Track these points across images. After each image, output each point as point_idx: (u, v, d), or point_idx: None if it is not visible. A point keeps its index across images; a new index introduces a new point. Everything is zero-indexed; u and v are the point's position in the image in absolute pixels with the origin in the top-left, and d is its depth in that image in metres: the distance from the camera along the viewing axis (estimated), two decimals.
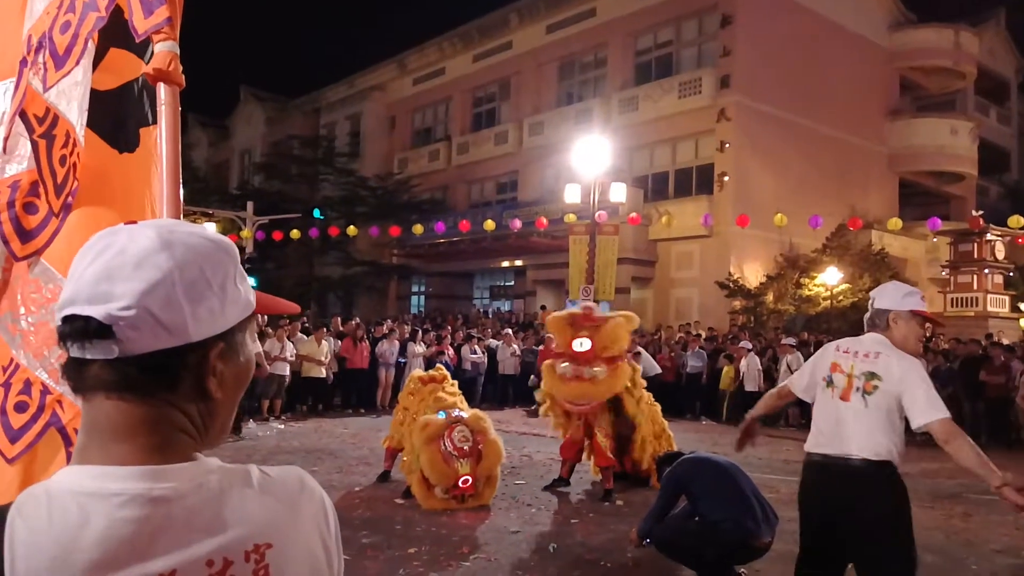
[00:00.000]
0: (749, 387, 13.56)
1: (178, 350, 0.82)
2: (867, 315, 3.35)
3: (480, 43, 28.11)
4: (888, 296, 3.29)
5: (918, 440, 13.05)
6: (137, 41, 1.66)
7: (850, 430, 3.10)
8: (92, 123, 1.67)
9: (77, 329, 0.80)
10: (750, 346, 14.54)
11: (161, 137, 1.58)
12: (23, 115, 1.74)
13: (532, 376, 14.11)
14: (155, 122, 1.63)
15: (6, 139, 1.74)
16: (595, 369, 7.00)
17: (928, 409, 3.05)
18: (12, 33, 1.86)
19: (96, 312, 0.79)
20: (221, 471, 0.84)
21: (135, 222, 0.89)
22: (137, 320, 0.79)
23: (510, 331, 16.71)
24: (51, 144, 1.69)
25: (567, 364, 7.11)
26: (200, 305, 0.83)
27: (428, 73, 30.24)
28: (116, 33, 1.69)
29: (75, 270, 0.84)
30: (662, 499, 4.80)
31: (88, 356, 0.81)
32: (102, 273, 0.81)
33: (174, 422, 0.84)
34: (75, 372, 0.83)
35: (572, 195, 17.48)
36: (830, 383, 3.21)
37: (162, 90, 1.60)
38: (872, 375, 3.12)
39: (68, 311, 0.81)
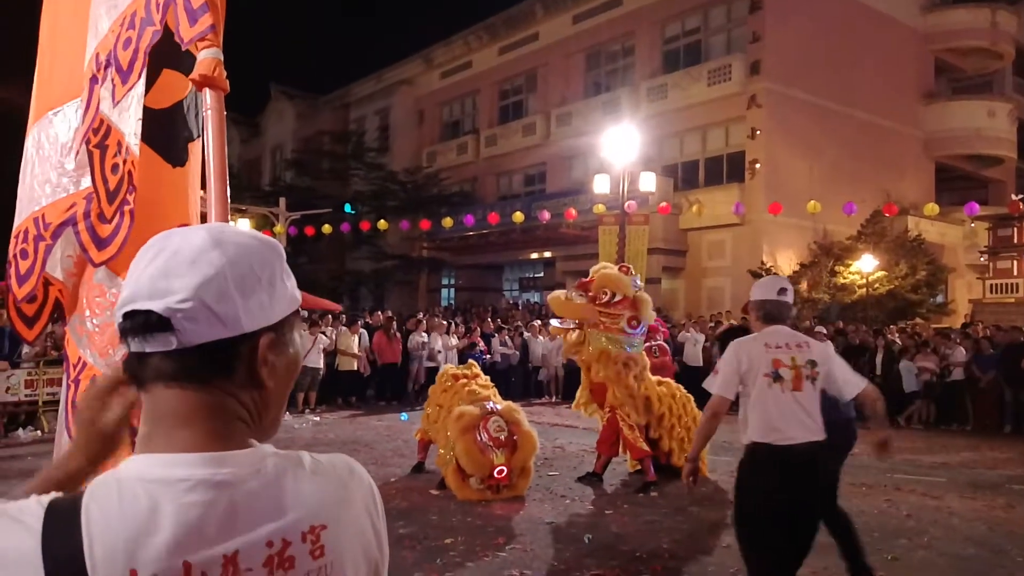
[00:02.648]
0: None
1: (232, 340, 0.87)
2: (764, 310, 3.59)
3: (506, 35, 28.06)
4: (789, 291, 3.67)
5: (953, 429, 12.82)
6: (183, 48, 1.72)
7: (809, 418, 3.42)
8: (149, 139, 1.76)
9: (138, 324, 0.85)
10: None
11: (208, 141, 1.63)
12: None
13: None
14: (200, 136, 1.70)
15: (77, 153, 1.83)
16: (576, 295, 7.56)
17: (856, 380, 3.52)
18: (79, 55, 1.95)
19: (156, 306, 0.84)
20: (276, 457, 0.89)
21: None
22: (194, 312, 0.84)
23: (538, 323, 16.72)
24: (104, 153, 1.77)
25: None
26: (251, 298, 0.88)
27: (455, 67, 30.26)
28: (169, 55, 1.77)
29: (134, 271, 0.89)
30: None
31: (148, 349, 0.86)
32: (159, 272, 0.86)
33: (231, 410, 0.89)
34: (136, 365, 0.89)
35: (601, 185, 17.42)
36: (777, 378, 3.42)
37: (208, 95, 1.65)
38: (813, 363, 3.46)
39: (129, 307, 0.86)
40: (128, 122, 1.76)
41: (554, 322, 7.99)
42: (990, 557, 5.36)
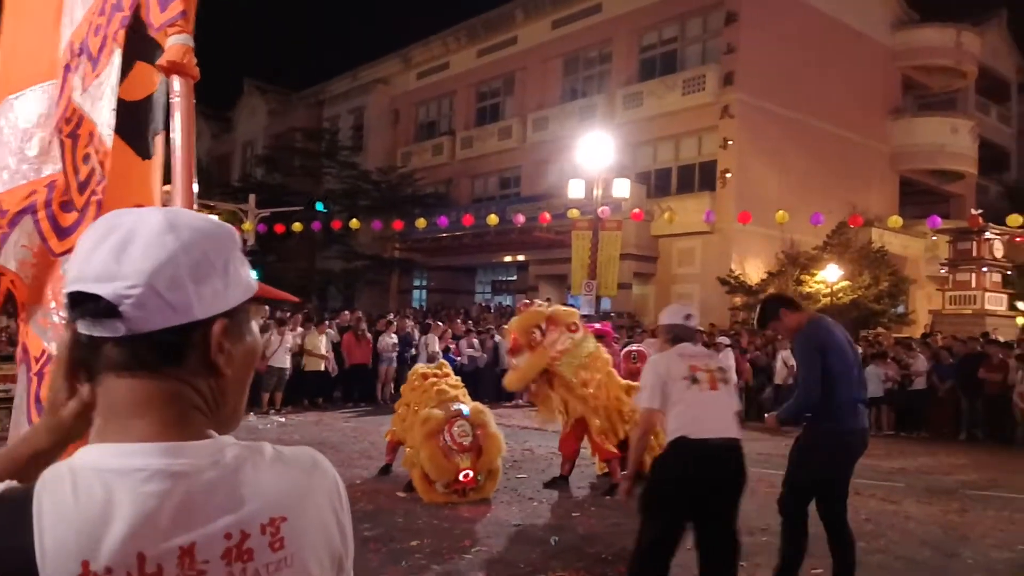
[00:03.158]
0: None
1: (184, 328, 0.85)
2: (673, 333, 4.10)
3: (485, 38, 28.08)
4: (694, 317, 4.22)
5: (912, 436, 13.05)
6: (153, 34, 1.70)
7: (725, 415, 3.82)
8: (121, 131, 1.74)
9: (88, 309, 0.83)
10: (728, 341, 14.71)
11: (175, 129, 1.61)
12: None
13: None
14: (167, 128, 1.69)
15: (49, 142, 1.80)
16: (514, 360, 7.44)
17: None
18: (47, 38, 1.92)
19: (103, 290, 0.82)
20: (236, 447, 0.87)
21: None
22: (143, 299, 0.82)
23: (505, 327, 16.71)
24: (76, 143, 1.75)
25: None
26: (204, 285, 0.85)
27: (432, 67, 30.21)
28: (142, 47, 1.75)
29: (82, 249, 0.86)
30: (809, 369, 4.21)
31: (96, 333, 0.84)
32: (110, 252, 0.83)
33: (187, 398, 0.87)
34: (88, 353, 0.86)
35: (575, 190, 17.48)
36: (695, 381, 3.82)
37: (176, 82, 1.62)
38: (722, 369, 3.97)
39: (76, 288, 0.84)
40: (101, 112, 1.74)
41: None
42: (943, 560, 5.48)
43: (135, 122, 1.83)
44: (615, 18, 23.82)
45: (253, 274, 0.96)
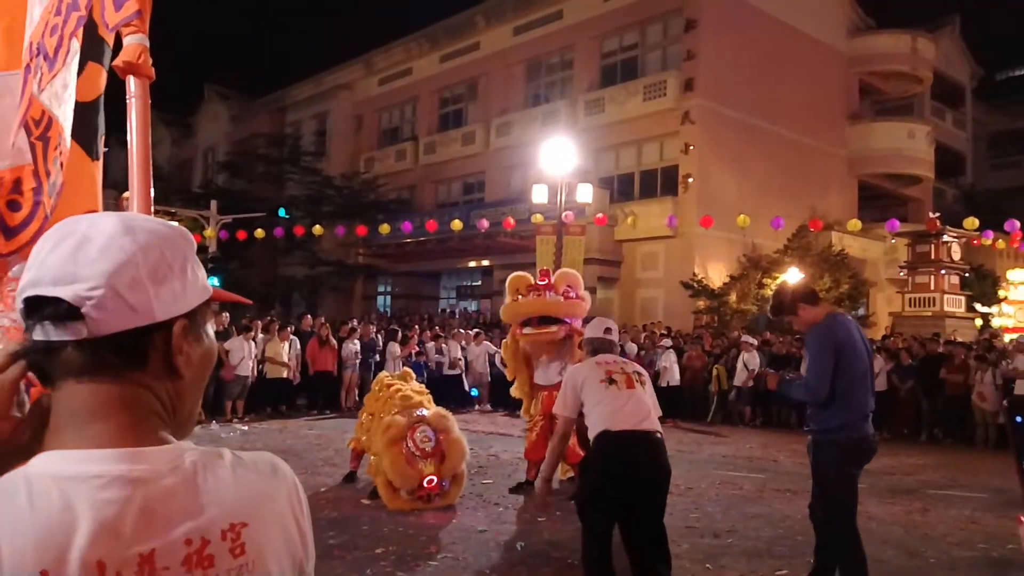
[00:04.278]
0: (671, 382, 13.99)
1: (145, 330, 0.85)
2: (593, 346, 4.42)
3: (447, 44, 28.06)
4: (614, 330, 4.54)
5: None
6: (107, 33, 1.68)
7: (646, 410, 3.99)
8: (74, 132, 1.73)
9: (45, 312, 0.82)
10: (669, 343, 14.87)
11: (131, 131, 1.58)
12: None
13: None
14: (121, 130, 1.69)
15: (13, 144, 1.77)
16: (553, 295, 7.58)
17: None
18: (20, 26, 1.89)
19: (63, 293, 0.81)
20: (195, 453, 0.86)
21: None
22: (105, 300, 0.81)
23: (473, 332, 16.70)
24: (47, 146, 1.73)
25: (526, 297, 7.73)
26: (163, 286, 0.86)
27: (395, 73, 30.10)
28: (93, 48, 1.74)
29: (37, 255, 0.85)
30: (820, 367, 4.05)
31: (54, 338, 0.82)
32: (67, 256, 0.83)
33: (145, 403, 0.86)
34: (44, 360, 0.85)
35: (539, 195, 17.52)
36: (612, 382, 4.01)
37: (132, 83, 1.59)
38: (638, 372, 4.17)
39: (32, 292, 0.83)
40: (65, 113, 1.73)
41: (528, 329, 7.63)
42: (906, 559, 5.57)
43: (87, 123, 1.83)
44: (576, 24, 23.98)
45: (215, 280, 0.95)
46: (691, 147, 20.88)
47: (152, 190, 1.59)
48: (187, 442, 0.89)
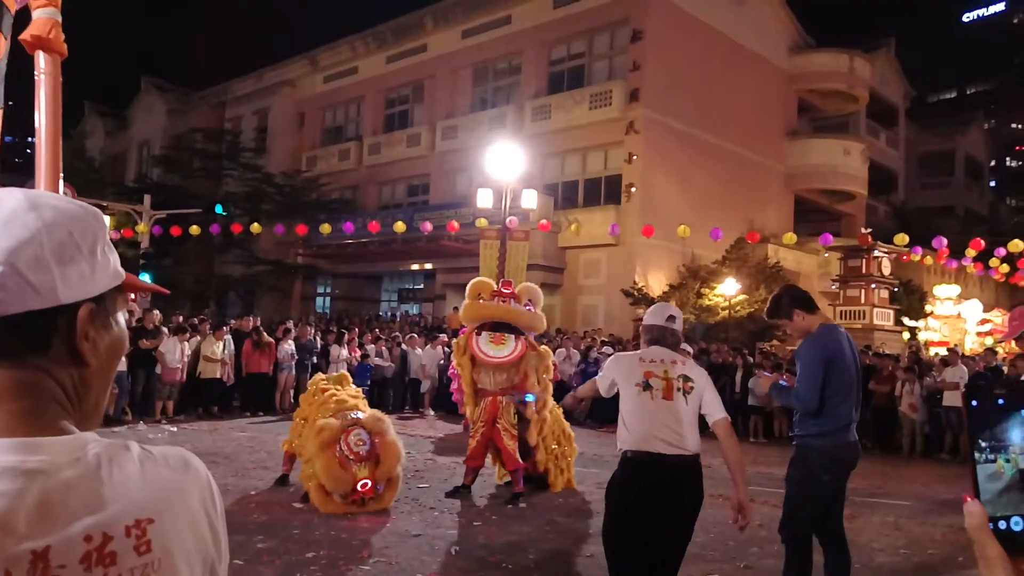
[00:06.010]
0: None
1: (48, 313, 0.80)
2: (651, 334, 3.83)
3: (394, 44, 27.87)
4: (678, 318, 3.89)
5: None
6: (17, 8, 1.58)
7: (681, 427, 3.51)
8: None
9: None
10: (610, 351, 15.09)
11: (39, 108, 1.48)
12: None
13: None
14: (6, 104, 1.58)
15: None
16: (516, 305, 7.39)
17: (720, 408, 3.66)
18: None
19: None
20: (99, 445, 0.82)
21: None
22: (3, 279, 0.77)
23: (415, 335, 16.58)
24: None
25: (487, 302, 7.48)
26: (69, 267, 0.81)
27: (340, 71, 29.76)
28: None
29: None
30: (810, 379, 4.06)
31: None
32: None
33: (46, 390, 0.82)
34: None
35: (484, 200, 17.48)
36: (646, 387, 3.56)
37: (41, 58, 1.50)
38: (687, 378, 3.63)
39: None
40: None
41: (492, 351, 7.36)
42: None
43: None
44: (525, 31, 24.08)
45: (147, 277, 0.89)
46: (635, 157, 21.14)
47: (61, 166, 1.50)
48: (91, 433, 0.83)
